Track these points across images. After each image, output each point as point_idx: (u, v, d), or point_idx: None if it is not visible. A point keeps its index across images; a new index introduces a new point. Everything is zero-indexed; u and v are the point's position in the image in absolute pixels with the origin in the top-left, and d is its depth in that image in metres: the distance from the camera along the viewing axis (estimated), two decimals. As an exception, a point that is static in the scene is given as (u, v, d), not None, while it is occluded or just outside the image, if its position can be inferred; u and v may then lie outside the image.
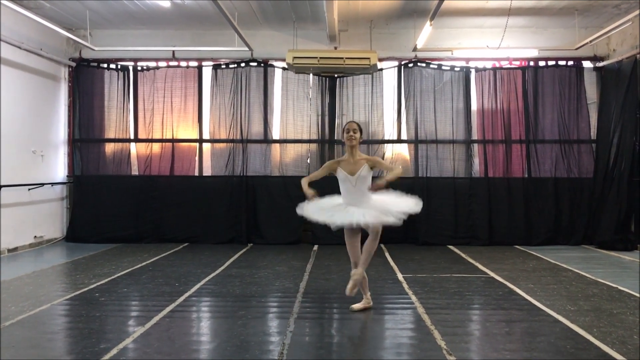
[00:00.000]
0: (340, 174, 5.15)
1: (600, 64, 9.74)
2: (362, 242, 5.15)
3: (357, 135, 5.18)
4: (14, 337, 4.24)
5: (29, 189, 8.93)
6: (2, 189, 8.05)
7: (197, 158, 10.14)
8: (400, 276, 6.67)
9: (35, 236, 9.16)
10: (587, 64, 9.86)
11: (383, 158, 9.76)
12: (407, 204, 5.06)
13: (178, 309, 5.13)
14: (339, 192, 5.22)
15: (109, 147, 10.13)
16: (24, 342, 4.13)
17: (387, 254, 8.32)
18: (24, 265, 7.45)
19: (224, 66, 9.97)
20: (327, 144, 9.95)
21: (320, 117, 9.93)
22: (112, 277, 6.59)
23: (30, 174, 9.06)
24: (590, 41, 9.02)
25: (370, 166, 5.12)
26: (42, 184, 9.23)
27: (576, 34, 9.37)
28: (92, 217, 9.78)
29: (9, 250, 8.45)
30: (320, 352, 3.92)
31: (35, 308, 5.07)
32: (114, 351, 3.88)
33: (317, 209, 5.08)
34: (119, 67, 10.07)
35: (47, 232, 9.57)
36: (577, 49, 9.25)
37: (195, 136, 10.12)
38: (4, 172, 8.24)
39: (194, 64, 10.11)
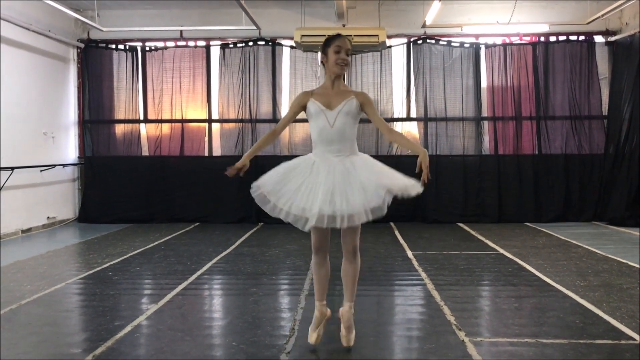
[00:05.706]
0: (312, 108, 3.49)
1: (612, 39, 9.58)
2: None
3: (350, 60, 3.50)
4: (30, 315, 4.32)
5: (41, 171, 9.00)
6: (15, 170, 8.12)
7: (206, 138, 10.15)
8: (409, 253, 6.70)
9: (48, 217, 9.26)
10: (598, 39, 9.70)
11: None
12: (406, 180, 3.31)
13: (190, 286, 5.20)
14: None
15: (119, 128, 10.18)
16: (40, 319, 4.21)
17: (396, 232, 8.35)
18: (38, 245, 7.56)
19: (231, 45, 9.93)
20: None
21: (328, 96, 9.87)
22: (125, 256, 6.67)
23: (42, 155, 9.12)
24: (602, 15, 8.86)
25: (360, 103, 3.47)
26: (54, 166, 9.31)
27: (588, 8, 9.22)
28: (103, 197, 9.87)
29: (23, 231, 8.56)
30: (330, 328, 3.95)
31: (50, 287, 5.16)
32: (128, 328, 3.95)
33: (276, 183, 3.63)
34: (127, 47, 10.06)
35: (60, 212, 9.67)
36: (588, 23, 9.11)
37: (204, 116, 10.12)
38: (16, 154, 8.31)
39: (202, 43, 10.07)
